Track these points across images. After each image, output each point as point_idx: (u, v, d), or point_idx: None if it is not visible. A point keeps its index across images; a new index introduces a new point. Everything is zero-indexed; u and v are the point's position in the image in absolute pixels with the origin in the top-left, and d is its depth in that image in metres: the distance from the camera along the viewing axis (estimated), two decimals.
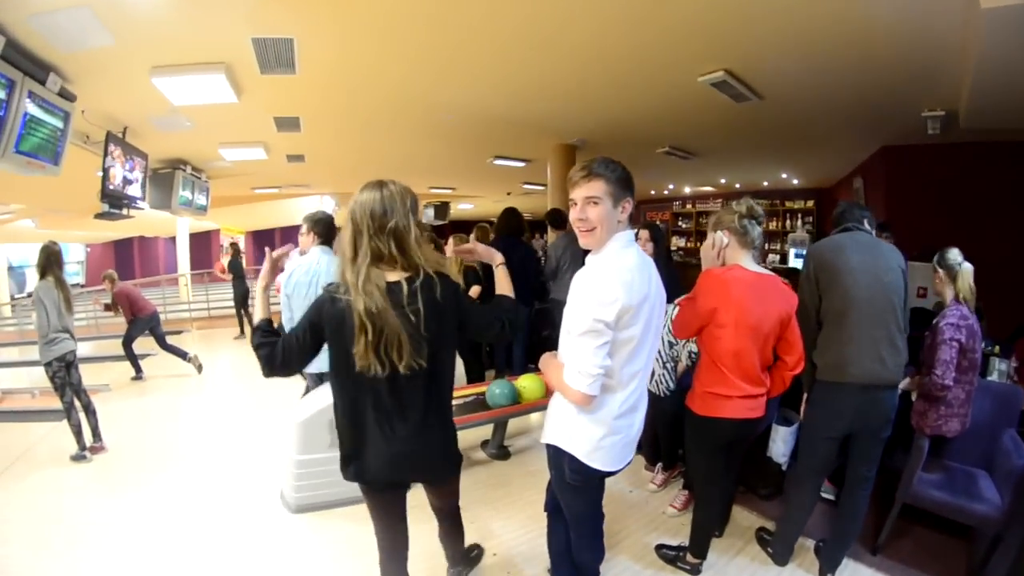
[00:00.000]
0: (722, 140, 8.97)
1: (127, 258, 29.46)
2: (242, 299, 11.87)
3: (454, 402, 4.50)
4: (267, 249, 2.72)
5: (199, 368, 8.74)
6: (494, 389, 4.84)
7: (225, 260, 12.04)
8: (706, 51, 4.96)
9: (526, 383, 4.93)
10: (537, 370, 5.21)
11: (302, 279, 4.48)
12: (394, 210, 2.22)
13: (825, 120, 7.26)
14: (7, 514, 4.53)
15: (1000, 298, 3.53)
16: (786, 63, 5.14)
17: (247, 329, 11.95)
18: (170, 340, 8.92)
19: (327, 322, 2.30)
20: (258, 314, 2.48)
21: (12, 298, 22.32)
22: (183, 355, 8.70)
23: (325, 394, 4.31)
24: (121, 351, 8.63)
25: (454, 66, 5.35)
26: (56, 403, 5.93)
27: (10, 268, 23.31)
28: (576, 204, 2.25)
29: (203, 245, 24.79)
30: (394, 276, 2.24)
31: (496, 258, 2.74)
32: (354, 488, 3.50)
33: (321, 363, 4.22)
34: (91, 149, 6.48)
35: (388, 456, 2.37)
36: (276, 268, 2.62)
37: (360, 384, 2.30)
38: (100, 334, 13.04)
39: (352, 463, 2.46)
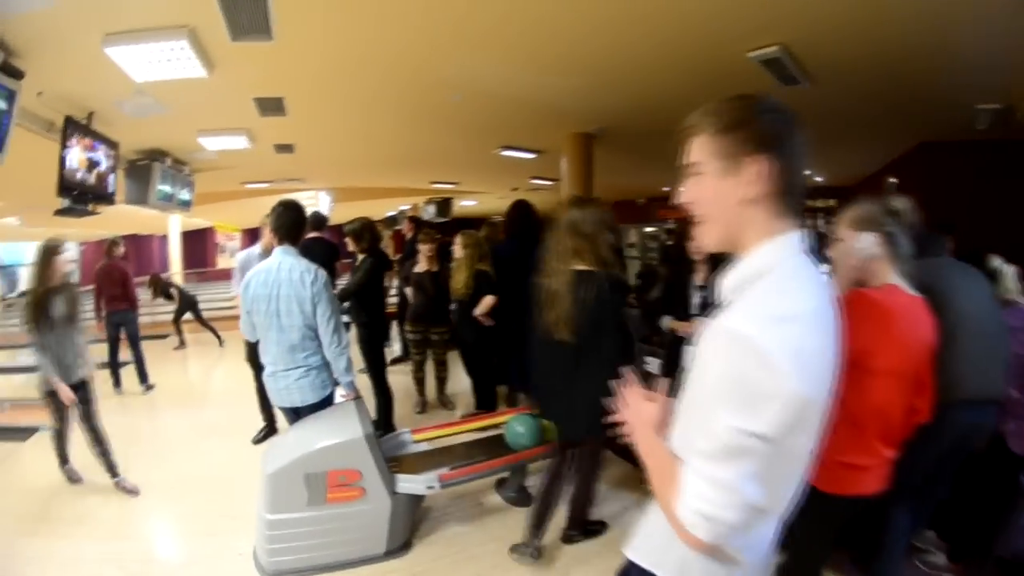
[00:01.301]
0: None
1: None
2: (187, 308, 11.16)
3: (465, 437, 4.58)
4: None
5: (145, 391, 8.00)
6: (515, 427, 4.09)
7: None
8: (762, 21, 4.28)
9: None
10: None
11: (260, 292, 3.67)
12: (593, 222, 3.23)
13: (867, 111, 6.69)
14: None
15: None
16: (843, 42, 4.56)
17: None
18: (155, 344, 8.33)
19: None
20: None
21: (2, 298, 22.41)
22: (143, 376, 8.03)
23: (301, 440, 3.63)
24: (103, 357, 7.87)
25: (463, 35, 4.62)
26: (20, 421, 6.45)
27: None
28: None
29: (198, 243, 24.42)
30: (582, 267, 3.21)
31: None
32: (337, 553, 3.60)
33: (292, 397, 3.85)
34: (57, 139, 5.76)
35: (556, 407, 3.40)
36: None
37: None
38: (86, 337, 12.36)
39: None
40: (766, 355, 1.09)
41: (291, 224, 3.80)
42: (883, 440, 2.15)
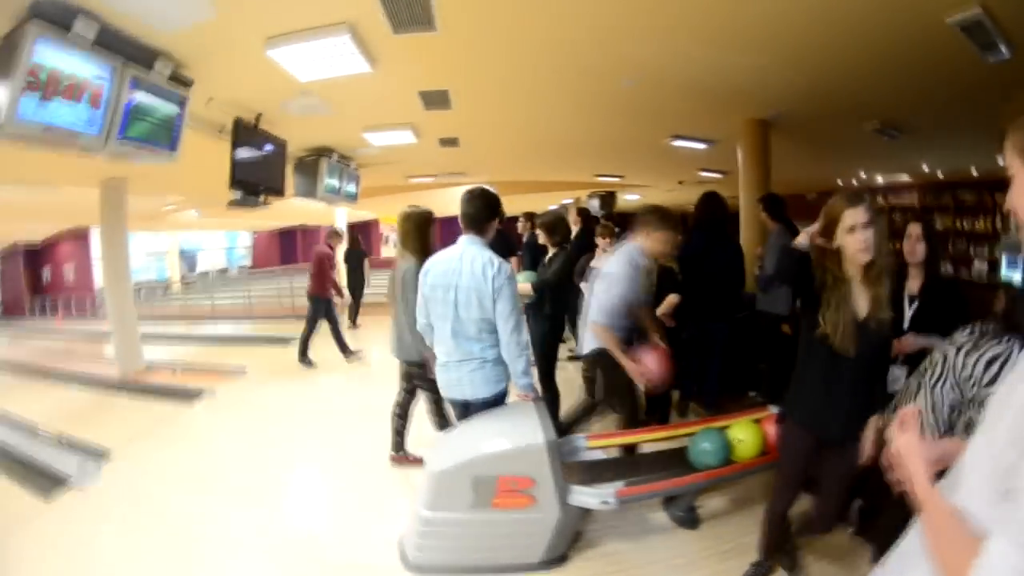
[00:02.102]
0: (948, 112, 7.21)
1: (290, 246, 32.42)
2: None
3: (645, 448, 4.32)
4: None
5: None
6: (702, 443, 3.77)
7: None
8: None
9: (742, 435, 3.81)
10: (732, 407, 4.42)
11: (439, 280, 3.51)
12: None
13: None
14: (103, 495, 4.69)
15: None
16: None
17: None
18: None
19: None
20: None
21: (182, 278, 28.45)
22: (344, 349, 8.82)
23: (474, 440, 3.46)
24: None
25: (640, 14, 4.30)
26: (189, 384, 7.42)
27: (181, 252, 28.85)
28: None
29: (363, 234, 25.50)
30: None
31: None
32: (488, 556, 3.44)
33: (463, 390, 3.67)
34: (228, 139, 6.05)
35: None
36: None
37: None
38: (252, 315, 13.46)
39: None
40: None
41: (477, 213, 3.61)
42: None
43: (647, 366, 4.03)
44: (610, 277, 4.24)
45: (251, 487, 4.72)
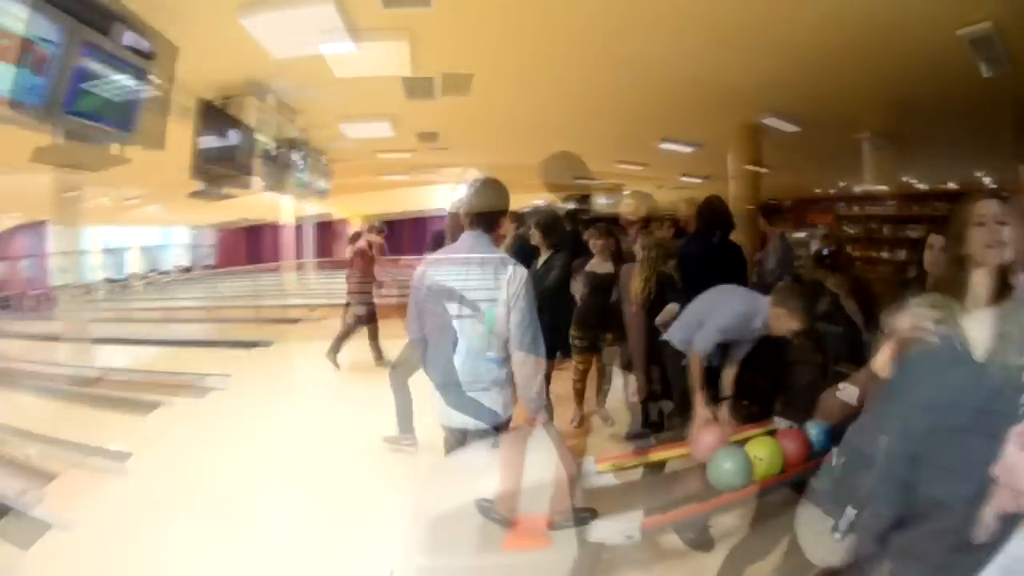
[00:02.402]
0: (941, 123, 7.12)
1: (257, 243, 31.84)
2: None
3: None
4: None
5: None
6: (722, 463, 3.40)
7: None
8: None
9: (761, 452, 3.47)
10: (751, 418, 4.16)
11: (438, 285, 3.00)
12: None
13: None
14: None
15: None
16: None
17: None
18: (284, 328, 9.10)
19: None
20: None
21: (143, 276, 25.03)
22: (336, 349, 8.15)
23: (482, 475, 3.01)
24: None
25: (642, 9, 4.23)
26: (147, 396, 6.92)
27: (142, 249, 26.60)
28: None
29: (330, 232, 25.56)
30: None
31: None
32: None
33: (464, 417, 3.12)
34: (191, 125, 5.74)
35: None
36: None
37: None
38: (221, 318, 13.57)
39: None
40: None
41: (488, 206, 3.11)
42: None
43: (707, 435, 3.67)
44: (724, 307, 3.94)
45: (212, 514, 4.27)
